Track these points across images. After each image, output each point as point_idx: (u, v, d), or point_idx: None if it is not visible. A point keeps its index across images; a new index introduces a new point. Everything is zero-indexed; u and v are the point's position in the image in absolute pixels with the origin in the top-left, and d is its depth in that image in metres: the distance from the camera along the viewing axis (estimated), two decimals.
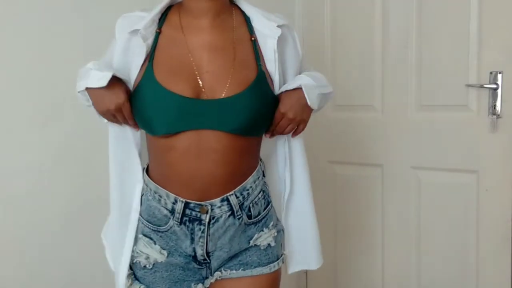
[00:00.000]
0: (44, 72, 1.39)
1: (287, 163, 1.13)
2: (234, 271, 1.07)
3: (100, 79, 0.96)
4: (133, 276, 1.08)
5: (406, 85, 1.83)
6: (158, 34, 1.03)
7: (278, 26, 1.04)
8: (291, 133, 1.10)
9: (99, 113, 1.03)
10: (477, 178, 1.71)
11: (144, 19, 1.01)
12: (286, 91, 1.05)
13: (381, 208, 1.95)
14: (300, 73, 1.14)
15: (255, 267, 1.08)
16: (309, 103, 1.04)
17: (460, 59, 1.70)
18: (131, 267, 1.08)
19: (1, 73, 1.34)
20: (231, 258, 1.07)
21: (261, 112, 1.01)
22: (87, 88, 0.99)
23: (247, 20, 1.08)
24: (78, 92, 1.03)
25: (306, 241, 1.18)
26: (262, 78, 1.02)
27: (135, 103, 1.00)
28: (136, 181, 1.08)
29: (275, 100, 1.05)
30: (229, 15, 1.07)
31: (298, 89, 1.04)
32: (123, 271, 1.07)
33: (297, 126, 1.08)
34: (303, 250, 1.19)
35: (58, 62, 1.40)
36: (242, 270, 1.07)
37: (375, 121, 1.94)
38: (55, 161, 1.44)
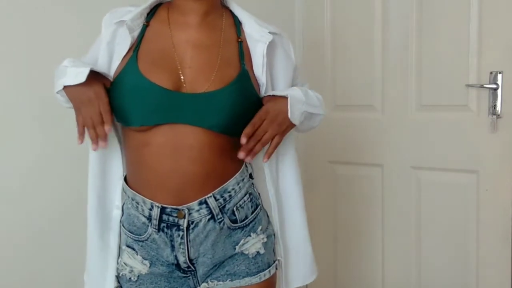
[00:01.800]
0: (44, 72, 1.38)
1: (273, 182, 1.09)
2: (221, 282, 1.02)
3: (78, 75, 0.93)
4: None
5: (406, 85, 1.83)
6: (145, 26, 1.03)
7: (269, 33, 1.04)
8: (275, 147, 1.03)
9: (76, 113, 0.97)
10: (477, 178, 1.71)
11: (131, 12, 1.01)
12: (273, 95, 1.02)
13: (381, 208, 1.95)
14: (295, 84, 1.12)
15: (243, 277, 1.02)
16: (289, 115, 1.00)
17: (460, 59, 1.70)
18: (118, 280, 1.05)
19: (1, 73, 1.34)
20: (217, 267, 1.03)
21: (242, 110, 0.98)
22: (65, 87, 0.95)
23: (236, 23, 1.08)
24: (57, 93, 0.99)
25: (301, 254, 1.15)
26: (244, 77, 1.00)
27: (114, 92, 0.96)
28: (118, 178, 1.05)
29: (259, 102, 1.02)
30: (219, 16, 1.07)
31: (284, 98, 1.01)
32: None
33: (272, 138, 1.01)
34: (299, 264, 1.16)
35: (57, 62, 1.39)
36: (229, 281, 1.02)
37: (375, 121, 1.93)
38: (54, 161, 1.44)
